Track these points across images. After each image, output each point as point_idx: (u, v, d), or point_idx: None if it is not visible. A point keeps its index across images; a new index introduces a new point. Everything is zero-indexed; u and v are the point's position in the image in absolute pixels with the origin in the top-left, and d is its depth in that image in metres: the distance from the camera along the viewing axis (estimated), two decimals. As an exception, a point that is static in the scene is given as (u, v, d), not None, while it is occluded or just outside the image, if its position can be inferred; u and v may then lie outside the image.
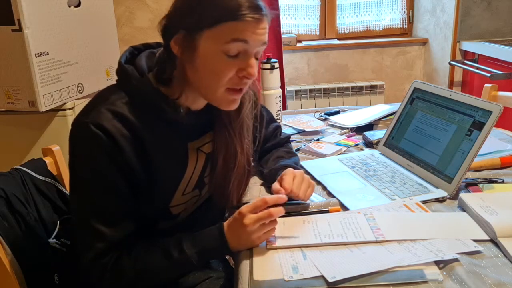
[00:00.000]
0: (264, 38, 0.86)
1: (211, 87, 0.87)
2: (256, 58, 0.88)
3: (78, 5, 1.79)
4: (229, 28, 0.82)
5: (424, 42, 3.02)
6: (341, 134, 1.49)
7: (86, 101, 1.77)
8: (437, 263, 0.77)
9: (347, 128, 1.53)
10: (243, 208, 0.86)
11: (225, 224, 0.88)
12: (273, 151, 1.19)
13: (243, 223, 0.84)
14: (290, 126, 1.57)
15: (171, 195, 0.96)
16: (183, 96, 0.89)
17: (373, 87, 2.94)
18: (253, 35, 0.83)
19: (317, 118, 1.67)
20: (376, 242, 0.84)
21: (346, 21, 3.09)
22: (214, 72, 0.85)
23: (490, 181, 1.07)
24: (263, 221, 0.84)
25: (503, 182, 1.07)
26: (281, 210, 0.86)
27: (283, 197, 0.89)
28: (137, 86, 0.87)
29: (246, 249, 0.86)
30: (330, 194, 1.07)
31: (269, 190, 1.06)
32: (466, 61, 2.61)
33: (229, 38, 0.82)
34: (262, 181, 1.14)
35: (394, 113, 1.36)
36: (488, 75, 2.27)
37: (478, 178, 1.09)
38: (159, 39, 0.90)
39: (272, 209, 0.85)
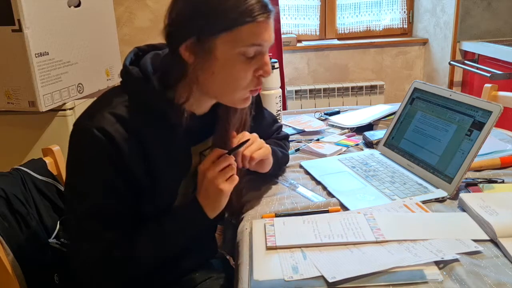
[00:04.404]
0: (273, 35, 0.87)
1: (229, 90, 0.88)
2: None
3: (78, 5, 1.79)
4: (245, 31, 0.82)
5: (424, 42, 3.02)
6: (341, 134, 1.49)
7: (86, 101, 1.78)
8: (437, 263, 0.77)
9: (347, 128, 1.53)
10: (199, 166, 0.90)
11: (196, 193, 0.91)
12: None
13: (201, 171, 0.89)
14: (290, 126, 1.57)
15: (173, 197, 0.96)
16: (190, 100, 0.88)
17: (373, 87, 2.94)
18: (266, 35, 0.84)
19: (317, 118, 1.67)
20: (376, 242, 0.84)
21: (346, 21, 3.10)
22: (233, 75, 0.85)
23: (490, 181, 1.07)
24: (220, 165, 0.88)
25: (503, 182, 1.07)
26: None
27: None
28: (141, 89, 0.86)
29: (221, 205, 0.89)
30: (330, 194, 1.07)
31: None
32: (466, 61, 2.62)
33: (249, 42, 0.82)
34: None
35: (394, 113, 1.36)
36: (488, 75, 2.27)
37: (478, 178, 1.09)
38: (159, 39, 0.89)
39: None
